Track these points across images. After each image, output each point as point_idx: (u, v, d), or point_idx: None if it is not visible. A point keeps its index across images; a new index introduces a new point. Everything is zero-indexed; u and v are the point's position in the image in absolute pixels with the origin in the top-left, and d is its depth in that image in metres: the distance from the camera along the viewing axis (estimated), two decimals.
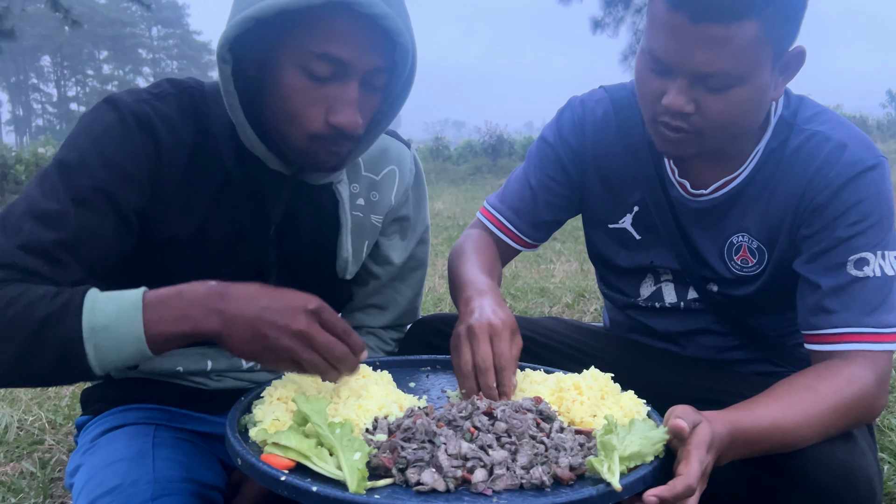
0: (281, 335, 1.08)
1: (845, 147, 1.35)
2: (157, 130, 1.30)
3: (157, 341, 1.09)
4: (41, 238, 1.17)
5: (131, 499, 1.20)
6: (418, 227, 1.65)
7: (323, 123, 1.25)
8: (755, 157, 1.43)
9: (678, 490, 0.98)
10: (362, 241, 1.57)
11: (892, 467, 2.05)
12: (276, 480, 0.96)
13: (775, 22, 1.22)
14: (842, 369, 1.27)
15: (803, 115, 1.42)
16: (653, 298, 1.66)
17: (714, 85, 1.27)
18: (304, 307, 1.09)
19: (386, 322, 1.67)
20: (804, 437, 1.18)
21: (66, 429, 2.47)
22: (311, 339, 1.09)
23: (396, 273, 1.64)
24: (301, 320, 1.08)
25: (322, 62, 1.20)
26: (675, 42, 1.25)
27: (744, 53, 1.23)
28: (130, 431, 1.39)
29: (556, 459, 1.03)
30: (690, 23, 1.22)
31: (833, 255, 1.34)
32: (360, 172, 1.54)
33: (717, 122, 1.31)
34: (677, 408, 1.09)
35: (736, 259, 1.50)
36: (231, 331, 1.09)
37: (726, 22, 1.20)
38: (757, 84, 1.28)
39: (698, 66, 1.25)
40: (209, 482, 1.34)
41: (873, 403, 1.28)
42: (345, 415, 1.13)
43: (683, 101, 1.29)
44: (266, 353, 1.10)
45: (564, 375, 1.32)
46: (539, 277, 5.05)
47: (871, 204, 1.32)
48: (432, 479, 0.97)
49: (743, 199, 1.46)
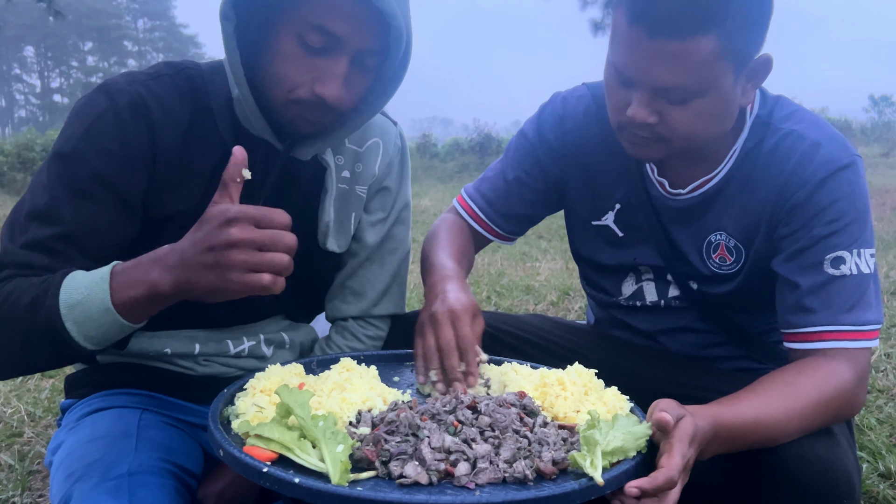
0: (225, 254, 1.01)
1: (819, 146, 1.36)
2: (151, 112, 1.32)
3: (127, 307, 1.08)
4: (41, 235, 1.21)
5: (107, 472, 1.21)
6: (398, 201, 1.65)
7: (307, 91, 1.27)
8: (732, 157, 1.44)
9: (659, 482, 0.98)
10: (348, 212, 1.58)
11: (871, 465, 2.07)
12: (258, 472, 0.95)
13: (734, 35, 1.22)
14: (822, 366, 1.28)
15: (779, 115, 1.43)
16: (634, 297, 1.66)
17: (675, 97, 1.28)
18: (223, 219, 1.02)
19: (363, 309, 1.65)
20: (785, 433, 1.19)
21: (46, 421, 2.45)
22: (254, 242, 1.02)
23: (373, 254, 1.63)
24: (232, 231, 1.01)
25: (316, 33, 1.23)
26: (634, 56, 1.26)
27: (702, 67, 1.23)
28: (117, 413, 1.41)
29: (539, 454, 1.03)
30: (647, 38, 1.23)
31: (810, 254, 1.35)
32: (345, 144, 1.56)
33: (681, 132, 1.33)
34: (661, 401, 1.10)
35: (714, 257, 1.51)
36: (186, 277, 1.05)
37: (682, 38, 1.20)
38: (719, 95, 1.29)
39: (656, 81, 1.26)
40: (188, 468, 1.35)
41: (853, 400, 1.29)
42: (328, 407, 1.13)
43: (646, 112, 1.30)
44: (229, 281, 1.03)
45: (549, 371, 1.32)
46: (525, 275, 5.06)
47: (846, 203, 1.34)
48: (415, 471, 0.97)
49: (721, 198, 1.47)
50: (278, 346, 1.60)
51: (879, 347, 3.18)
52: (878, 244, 6.43)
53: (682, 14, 1.20)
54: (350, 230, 1.59)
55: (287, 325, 1.63)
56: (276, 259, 1.04)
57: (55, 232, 1.22)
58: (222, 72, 1.40)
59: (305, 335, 1.67)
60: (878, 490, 1.93)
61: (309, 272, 1.58)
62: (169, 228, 1.36)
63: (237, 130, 1.39)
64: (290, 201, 1.47)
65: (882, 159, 19.25)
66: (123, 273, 1.10)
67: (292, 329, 1.64)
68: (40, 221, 1.22)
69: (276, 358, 1.58)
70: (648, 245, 1.58)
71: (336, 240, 1.56)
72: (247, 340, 1.55)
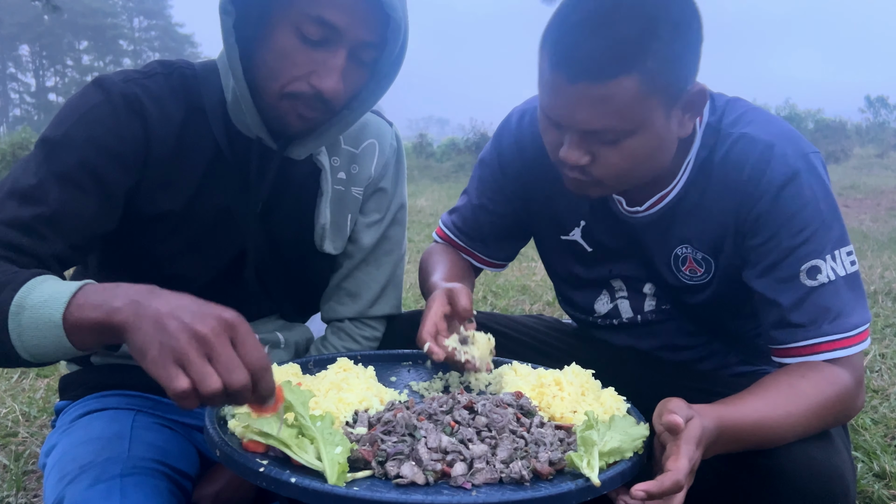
0: (181, 333, 0.89)
1: (772, 147, 1.32)
2: (146, 109, 1.31)
3: (75, 326, 0.98)
4: (22, 214, 1.18)
5: (100, 474, 1.20)
6: (394, 202, 1.65)
7: (304, 84, 1.27)
8: (686, 170, 1.40)
9: (666, 486, 0.98)
10: (344, 214, 1.57)
11: (866, 465, 2.08)
12: (255, 472, 0.95)
13: (658, 72, 1.20)
14: (823, 370, 1.28)
15: (729, 119, 1.39)
16: (610, 316, 1.64)
17: (604, 139, 1.26)
18: (217, 315, 0.92)
19: (359, 310, 1.65)
20: (785, 436, 1.19)
21: (41, 421, 2.44)
22: (212, 349, 0.90)
23: (369, 255, 1.63)
24: (208, 324, 0.91)
25: (315, 25, 1.23)
26: (558, 100, 1.25)
27: (628, 108, 1.21)
28: (111, 415, 1.40)
29: (535, 454, 1.03)
30: (569, 82, 1.21)
31: (784, 268, 1.31)
32: (340, 146, 1.55)
33: (614, 172, 1.31)
34: (670, 401, 1.09)
35: (684, 269, 1.48)
36: (137, 321, 0.93)
37: (603, 80, 1.18)
38: (651, 133, 1.26)
39: (583, 124, 1.24)
40: (183, 469, 1.34)
41: (852, 404, 1.29)
42: (325, 407, 1.13)
43: (577, 154, 1.28)
44: (160, 350, 0.90)
45: (546, 371, 1.32)
46: (520, 275, 5.06)
47: (811, 209, 1.30)
48: (412, 472, 0.97)
49: (680, 211, 1.43)
50: (273, 346, 1.60)
51: (874, 348, 3.19)
52: (873, 244, 6.45)
53: (602, 57, 1.18)
54: (346, 232, 1.59)
55: (281, 325, 1.63)
56: (210, 383, 0.88)
57: (37, 212, 1.19)
58: (216, 72, 1.39)
59: (300, 335, 1.66)
60: (873, 490, 1.94)
61: (304, 273, 1.58)
62: (158, 227, 1.36)
63: (230, 131, 1.39)
64: (286, 202, 1.47)
65: (877, 160, 19.32)
66: (94, 293, 1.00)
67: (287, 329, 1.63)
68: (22, 200, 1.19)
69: (270, 358, 1.57)
70: (619, 258, 1.56)
71: (332, 242, 1.56)
72: None
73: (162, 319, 0.91)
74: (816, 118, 23.45)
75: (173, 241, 1.39)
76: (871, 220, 8.55)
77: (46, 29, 73.07)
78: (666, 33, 1.19)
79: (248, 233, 1.44)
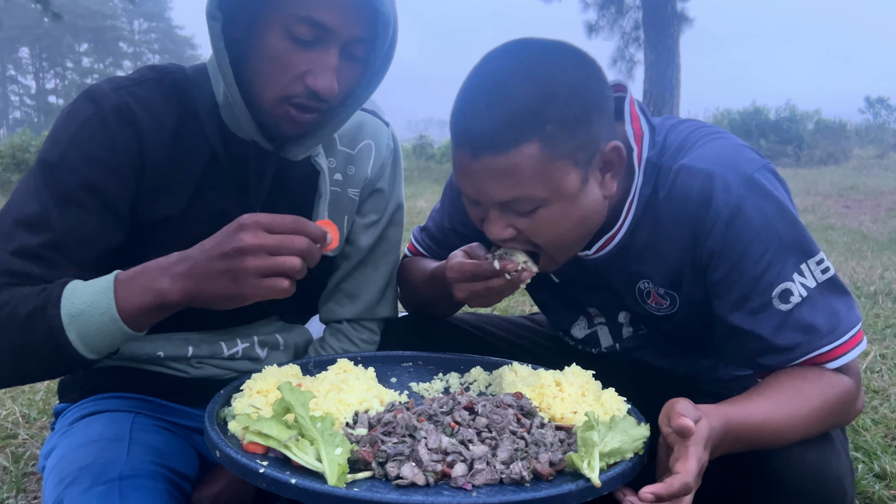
0: (237, 261, 1.06)
1: (712, 177, 1.26)
2: (138, 118, 1.30)
3: (133, 316, 1.11)
4: (30, 243, 1.20)
5: (99, 477, 1.21)
6: (391, 203, 1.64)
7: (300, 86, 1.26)
8: (631, 210, 1.35)
9: (675, 488, 0.97)
10: (341, 216, 1.57)
11: (867, 466, 2.08)
12: (255, 473, 0.95)
13: (559, 135, 1.18)
14: (824, 373, 1.26)
15: (669, 150, 1.34)
16: (588, 343, 1.63)
17: (519, 209, 1.25)
18: (238, 226, 1.07)
19: (357, 312, 1.64)
20: (788, 437, 1.18)
21: (41, 423, 2.44)
22: (265, 247, 1.06)
23: (367, 256, 1.63)
24: (243, 237, 1.06)
25: (305, 26, 1.22)
26: (467, 178, 1.25)
27: (535, 175, 1.19)
28: (110, 417, 1.40)
29: (536, 455, 1.03)
30: (472, 158, 1.21)
31: (754, 298, 1.26)
32: (336, 147, 1.55)
33: (542, 240, 1.29)
34: (678, 402, 1.07)
35: (650, 302, 1.45)
36: (196, 285, 1.09)
37: (504, 151, 1.18)
38: (568, 199, 1.24)
39: (494, 196, 1.23)
40: (182, 471, 1.34)
41: (853, 407, 1.28)
42: (325, 408, 1.12)
43: (499, 229, 1.28)
44: (240, 287, 1.07)
45: (546, 372, 1.32)
46: None
47: (765, 234, 1.24)
48: (412, 472, 0.97)
49: (633, 250, 1.39)
50: (272, 348, 1.59)
51: (874, 348, 3.19)
52: (873, 245, 6.44)
53: (500, 128, 1.18)
54: (343, 233, 1.59)
55: (281, 327, 1.62)
56: (289, 262, 1.07)
57: (44, 240, 1.21)
58: (207, 75, 1.39)
59: (299, 336, 1.66)
60: (874, 491, 1.94)
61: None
62: (156, 234, 1.36)
63: (224, 135, 1.38)
64: (284, 204, 1.46)
65: (876, 161, 19.32)
66: (129, 282, 1.11)
67: (286, 330, 1.63)
68: (28, 229, 1.21)
69: (270, 360, 1.57)
70: (588, 290, 1.54)
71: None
72: (240, 342, 1.54)
73: (211, 266, 1.07)
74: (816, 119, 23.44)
75: (172, 246, 1.36)
76: (871, 220, 8.55)
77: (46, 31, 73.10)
78: (563, 95, 1.18)
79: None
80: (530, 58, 1.21)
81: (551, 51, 1.23)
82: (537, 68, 1.19)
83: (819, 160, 19.42)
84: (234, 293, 1.08)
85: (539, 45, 1.24)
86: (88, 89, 1.32)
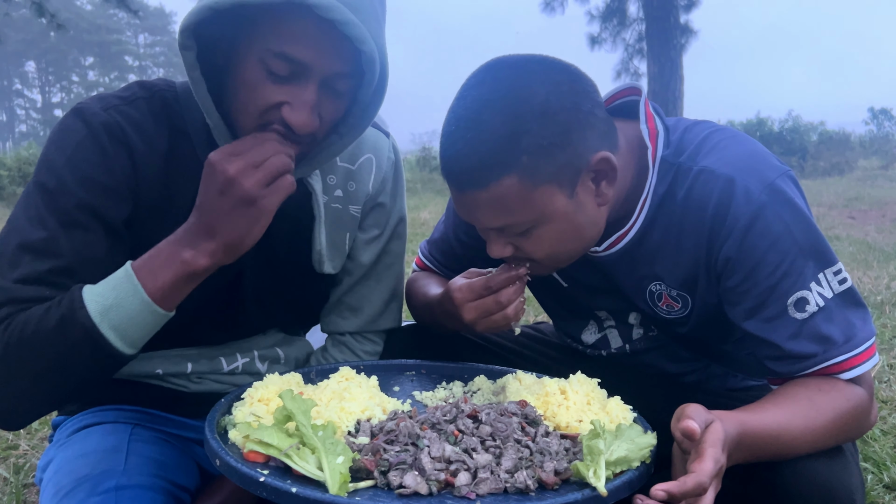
0: (235, 188, 1.11)
1: (733, 182, 1.25)
2: (130, 139, 1.28)
3: (165, 295, 1.14)
4: (38, 269, 1.18)
5: (96, 487, 1.19)
6: (393, 216, 1.62)
7: (275, 115, 1.22)
8: (644, 207, 1.34)
9: (688, 487, 0.94)
10: (342, 234, 1.55)
11: (876, 476, 2.05)
12: (255, 482, 0.94)
13: (538, 164, 1.20)
14: (839, 385, 1.24)
15: (687, 150, 1.33)
16: (598, 346, 1.62)
17: (515, 232, 1.28)
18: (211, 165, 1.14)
19: (360, 325, 1.62)
20: (801, 448, 1.16)
21: (41, 434, 2.42)
22: (248, 164, 1.12)
23: (370, 270, 1.61)
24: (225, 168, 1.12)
25: (280, 61, 1.17)
26: (459, 206, 1.31)
27: (520, 204, 1.22)
28: (108, 428, 1.39)
29: (541, 464, 1.02)
30: (458, 192, 1.27)
31: (770, 307, 1.25)
32: (336, 163, 1.52)
33: (541, 256, 1.31)
34: (688, 407, 1.05)
35: (661, 305, 1.44)
36: (219, 236, 1.14)
37: (485, 186, 1.21)
38: (560, 217, 1.26)
39: (485, 224, 1.28)
40: (181, 483, 1.33)
41: (867, 419, 1.26)
42: (327, 417, 1.11)
43: (499, 248, 1.31)
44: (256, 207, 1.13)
45: (550, 380, 1.30)
46: None
47: (783, 242, 1.23)
48: (415, 482, 0.95)
49: (645, 249, 1.38)
50: (273, 362, 1.58)
51: (882, 358, 3.16)
52: (879, 255, 6.41)
53: (473, 166, 1.21)
54: (344, 251, 1.56)
55: (281, 339, 1.61)
56: (277, 163, 1.14)
57: (53, 266, 1.18)
58: None
59: (300, 349, 1.64)
60: (884, 501, 1.91)
61: (303, 292, 1.55)
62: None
63: None
64: (281, 224, 1.43)
65: (881, 171, 19.30)
66: (148, 265, 1.14)
67: (287, 343, 1.61)
68: (35, 255, 1.18)
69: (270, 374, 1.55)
70: (597, 293, 1.53)
71: (331, 262, 1.53)
72: (240, 357, 1.53)
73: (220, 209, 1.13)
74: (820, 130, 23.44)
75: None
76: (877, 231, 8.51)
77: (52, 45, 73.67)
78: (533, 125, 1.19)
79: (244, 256, 1.42)
80: (501, 88, 1.22)
81: (523, 75, 1.22)
82: (508, 98, 1.20)
83: (823, 171, 19.41)
84: (254, 216, 1.13)
85: (512, 69, 1.24)
86: (78, 108, 1.29)
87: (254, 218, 1.13)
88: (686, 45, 16.30)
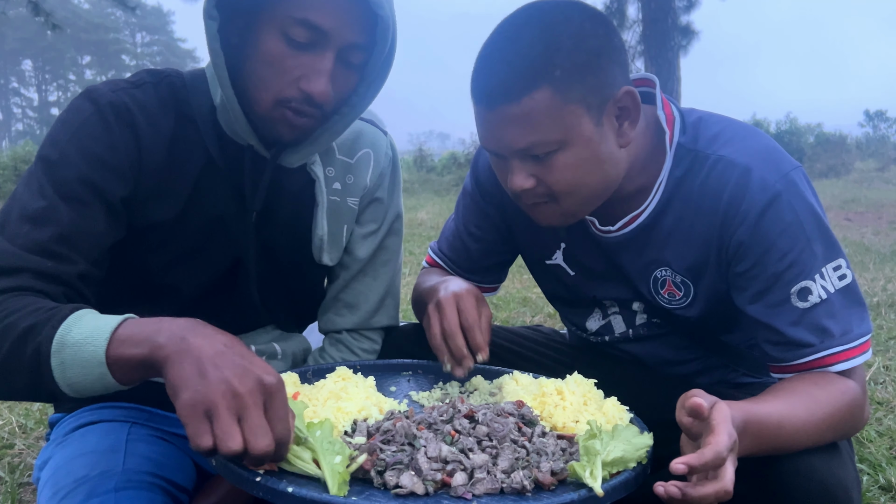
0: (218, 384, 0.89)
1: (750, 171, 1.30)
2: (136, 120, 1.29)
3: (119, 363, 0.98)
4: (39, 237, 1.17)
5: (95, 489, 1.19)
6: (390, 212, 1.63)
7: (293, 89, 1.25)
8: (658, 190, 1.38)
9: (707, 458, 0.94)
10: (340, 225, 1.56)
11: (872, 478, 2.05)
12: (252, 482, 0.93)
13: (570, 81, 1.22)
14: (834, 380, 1.26)
15: (704, 138, 1.37)
16: (602, 333, 1.63)
17: (539, 156, 1.28)
18: (259, 375, 0.92)
19: (357, 322, 1.63)
20: (801, 443, 1.16)
21: (38, 433, 2.42)
22: (244, 410, 0.89)
23: (366, 266, 1.62)
24: (247, 384, 0.90)
25: (301, 28, 1.21)
26: (487, 131, 1.30)
27: (548, 120, 1.23)
28: (105, 427, 1.38)
29: (537, 464, 1.01)
30: (489, 110, 1.27)
31: (774, 293, 1.29)
32: (335, 156, 1.53)
33: (561, 187, 1.31)
34: (691, 391, 1.06)
35: (663, 293, 1.46)
36: (179, 358, 0.92)
37: (517, 99, 1.23)
38: (583, 143, 1.27)
39: (512, 144, 1.27)
40: (179, 482, 1.32)
41: (861, 415, 1.27)
42: (323, 416, 1.11)
43: (522, 178, 1.31)
44: (193, 396, 0.89)
45: (547, 380, 1.31)
46: (521, 287, 5.05)
47: (793, 231, 1.27)
48: (411, 482, 0.95)
49: (656, 232, 1.41)
50: (270, 357, 1.58)
51: (878, 360, 3.17)
52: (875, 257, 6.43)
53: (509, 78, 1.23)
54: (342, 243, 1.57)
55: (278, 336, 1.61)
56: (231, 440, 0.88)
57: (53, 233, 1.18)
58: (204, 80, 1.38)
59: (297, 345, 1.65)
60: (880, 503, 1.91)
61: (301, 283, 1.56)
62: (150, 237, 1.34)
63: (221, 140, 1.37)
64: (281, 212, 1.45)
65: (878, 174, 19.33)
66: (136, 327, 0.99)
67: (283, 339, 1.62)
68: (35, 223, 1.18)
69: None
70: (602, 281, 1.55)
71: (329, 253, 1.54)
72: None
73: (204, 364, 0.91)
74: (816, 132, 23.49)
75: (166, 250, 1.37)
76: (873, 233, 8.53)
77: (49, 44, 73.50)
78: (568, 42, 1.22)
79: (242, 242, 1.43)
80: (540, 14, 1.26)
81: (560, 7, 1.27)
82: (544, 21, 1.25)
83: (820, 173, 19.43)
84: (182, 395, 0.90)
85: (550, 4, 1.28)
86: (87, 90, 1.31)
87: (184, 389, 0.90)
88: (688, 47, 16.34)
